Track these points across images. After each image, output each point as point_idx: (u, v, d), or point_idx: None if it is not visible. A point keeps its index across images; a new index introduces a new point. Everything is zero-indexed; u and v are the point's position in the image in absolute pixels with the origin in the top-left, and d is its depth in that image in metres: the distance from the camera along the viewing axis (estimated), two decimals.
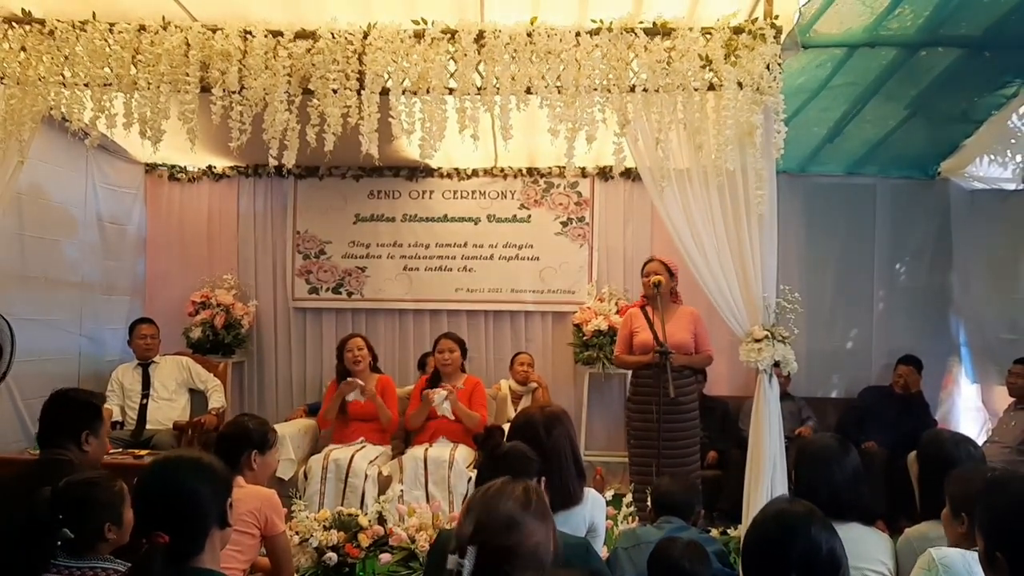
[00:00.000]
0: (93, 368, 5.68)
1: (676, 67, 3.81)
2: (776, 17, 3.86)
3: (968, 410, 6.22)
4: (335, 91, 3.86)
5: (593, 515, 2.71)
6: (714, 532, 4.23)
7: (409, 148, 4.70)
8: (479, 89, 3.89)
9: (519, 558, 1.47)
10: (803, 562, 1.75)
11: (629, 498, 4.20)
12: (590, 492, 2.74)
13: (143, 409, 5.35)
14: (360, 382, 5.13)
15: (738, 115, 3.82)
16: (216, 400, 5.53)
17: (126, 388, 5.42)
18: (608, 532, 3.84)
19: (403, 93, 3.87)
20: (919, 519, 2.61)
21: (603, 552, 3.19)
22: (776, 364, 4.13)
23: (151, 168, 6.43)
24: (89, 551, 2.26)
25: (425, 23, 3.89)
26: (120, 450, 4.70)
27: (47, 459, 2.92)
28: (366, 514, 4.22)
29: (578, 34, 3.83)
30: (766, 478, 4.02)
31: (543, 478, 2.36)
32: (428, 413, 5.14)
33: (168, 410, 5.41)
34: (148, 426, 5.29)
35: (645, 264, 4.87)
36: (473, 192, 6.29)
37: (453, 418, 5.09)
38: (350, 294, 6.32)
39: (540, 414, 2.68)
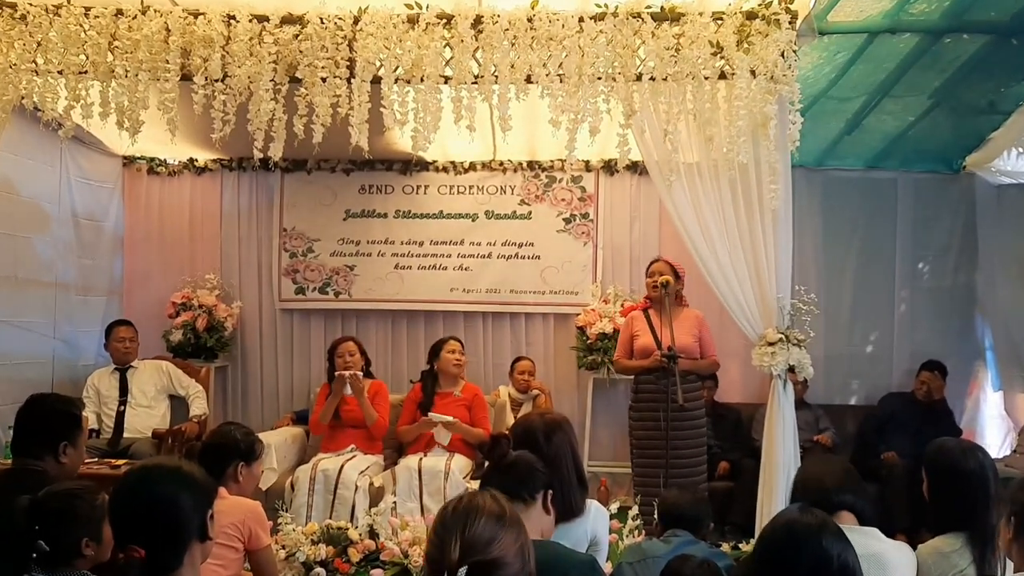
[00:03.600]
0: (68, 373, 5.67)
1: (685, 54, 3.82)
2: (791, 1, 3.87)
3: (994, 419, 6.22)
4: (324, 79, 3.87)
5: (595, 528, 2.72)
6: (725, 547, 4.23)
7: (402, 140, 4.73)
8: (476, 78, 3.90)
9: (508, 565, 1.56)
10: (814, 574, 1.76)
11: (635, 511, 4.20)
12: (592, 503, 2.76)
13: (120, 416, 5.35)
14: (347, 373, 5.13)
15: (751, 105, 3.84)
16: (198, 407, 5.54)
17: (102, 394, 5.42)
18: (613, 546, 3.87)
19: (396, 82, 3.88)
20: (935, 533, 2.62)
21: (607, 567, 3.20)
22: (791, 369, 4.15)
23: (129, 161, 6.43)
24: (64, 566, 2.26)
25: (419, 7, 3.90)
26: (96, 460, 4.70)
27: (19, 469, 2.92)
28: (356, 527, 4.22)
29: (581, 19, 3.85)
30: (780, 490, 4.04)
31: (549, 490, 2.37)
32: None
33: (147, 418, 5.40)
34: (126, 434, 5.29)
35: (649, 265, 4.89)
36: (470, 187, 6.29)
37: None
38: (337, 294, 6.32)
39: (540, 421, 2.70)
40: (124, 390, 5.44)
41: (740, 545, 4.30)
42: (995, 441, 6.04)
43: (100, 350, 5.74)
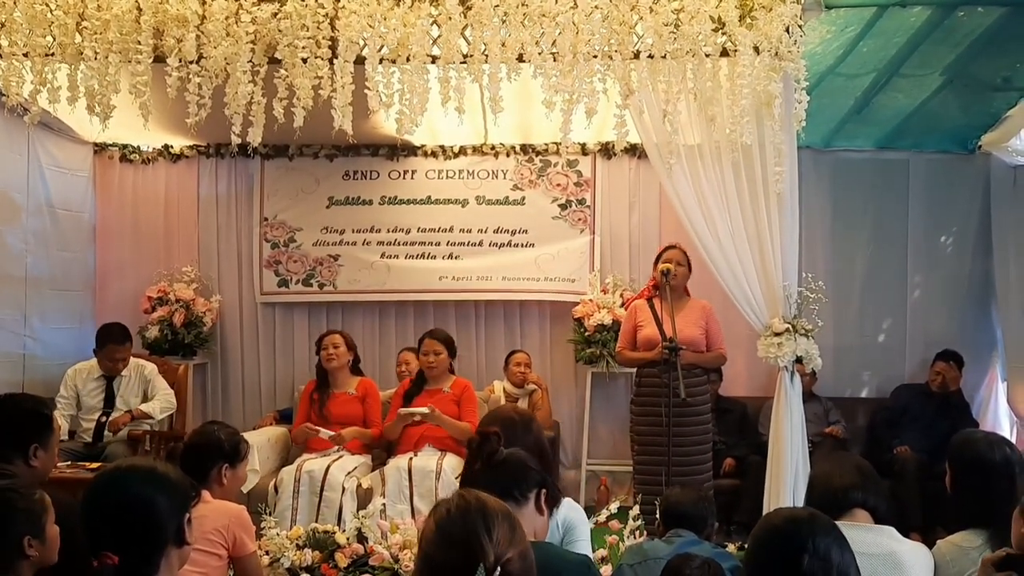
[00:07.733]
0: (40, 372, 5.64)
1: (685, 30, 3.81)
2: None
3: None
4: (305, 60, 3.86)
5: (565, 514, 2.77)
6: (731, 547, 4.24)
7: (387, 123, 4.73)
8: (465, 57, 3.89)
9: (518, 560, 1.60)
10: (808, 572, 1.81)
11: (636, 511, 4.22)
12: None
13: (100, 426, 5.21)
14: (328, 435, 5.10)
15: (755, 83, 3.83)
16: (150, 407, 5.30)
17: (83, 400, 5.30)
18: (613, 548, 3.89)
19: (380, 62, 3.87)
20: (955, 529, 2.64)
21: (607, 570, 3.23)
22: (798, 360, 4.16)
23: (100, 148, 6.40)
24: (6, 572, 2.17)
25: None
26: (68, 463, 4.68)
27: None
28: (344, 531, 4.23)
29: None
30: (788, 487, 4.07)
31: (543, 489, 2.38)
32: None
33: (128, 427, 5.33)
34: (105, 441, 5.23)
35: (664, 250, 4.84)
36: (460, 172, 6.28)
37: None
38: (321, 286, 6.31)
39: (516, 412, 2.78)
40: (109, 401, 5.31)
41: (746, 545, 4.32)
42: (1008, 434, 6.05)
43: (75, 347, 5.70)
